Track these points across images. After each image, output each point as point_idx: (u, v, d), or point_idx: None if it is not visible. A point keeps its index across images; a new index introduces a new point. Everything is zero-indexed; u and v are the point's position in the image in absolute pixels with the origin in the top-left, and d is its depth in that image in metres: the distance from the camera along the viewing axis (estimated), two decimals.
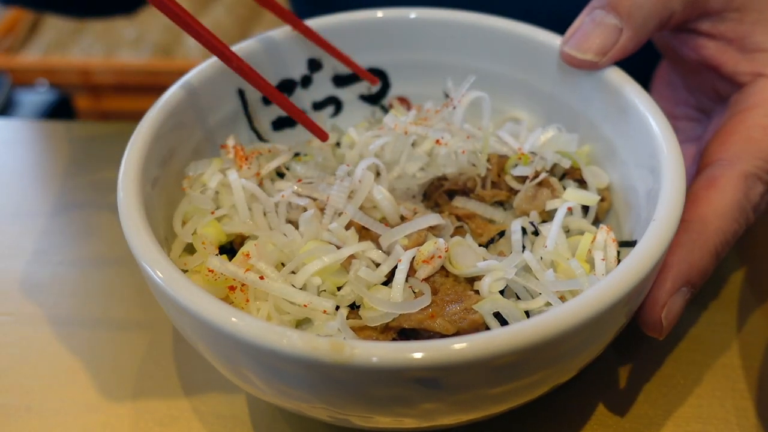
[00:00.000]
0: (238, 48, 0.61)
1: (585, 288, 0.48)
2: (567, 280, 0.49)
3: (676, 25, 0.59)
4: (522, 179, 0.58)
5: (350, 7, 0.66)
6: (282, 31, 0.64)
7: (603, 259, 0.51)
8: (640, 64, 0.64)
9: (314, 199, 0.55)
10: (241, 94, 0.63)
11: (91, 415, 0.57)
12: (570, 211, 0.55)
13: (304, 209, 0.55)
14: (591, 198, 0.56)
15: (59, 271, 0.69)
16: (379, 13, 0.65)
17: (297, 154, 0.61)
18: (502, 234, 0.56)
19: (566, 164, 0.58)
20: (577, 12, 0.59)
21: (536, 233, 0.54)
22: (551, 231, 0.53)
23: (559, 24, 0.63)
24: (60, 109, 1.87)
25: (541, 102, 0.64)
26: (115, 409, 0.57)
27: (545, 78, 0.63)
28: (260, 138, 0.64)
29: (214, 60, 0.60)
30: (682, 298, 0.51)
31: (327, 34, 0.64)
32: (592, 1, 0.58)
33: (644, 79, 0.64)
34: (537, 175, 0.57)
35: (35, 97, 1.88)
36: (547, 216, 0.57)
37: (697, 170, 0.57)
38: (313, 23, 0.64)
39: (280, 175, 0.60)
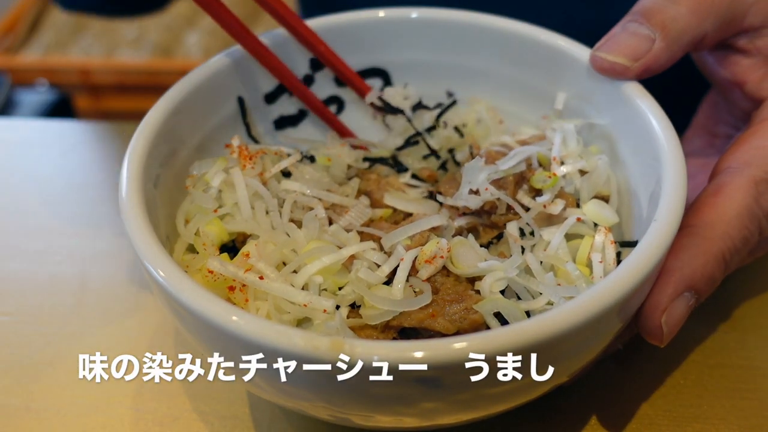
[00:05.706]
0: (240, 47, 0.61)
1: (581, 292, 0.47)
2: (564, 287, 0.49)
3: (711, 45, 0.58)
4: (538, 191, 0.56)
5: (355, 6, 0.66)
6: (284, 30, 0.64)
7: (601, 261, 0.51)
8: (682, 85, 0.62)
9: (320, 200, 0.55)
10: (240, 102, 0.62)
11: (91, 415, 0.57)
12: (579, 221, 0.54)
13: (310, 208, 0.55)
14: (610, 219, 0.54)
15: (59, 271, 0.69)
16: (381, 13, 0.65)
17: (303, 157, 0.60)
18: (500, 236, 0.56)
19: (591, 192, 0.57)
20: (576, 11, 0.59)
21: (533, 234, 0.54)
22: (555, 237, 0.53)
23: (559, 24, 0.63)
24: (60, 109, 1.88)
25: (540, 102, 0.64)
26: (115, 409, 0.57)
27: (546, 78, 0.63)
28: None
29: (215, 59, 0.60)
30: (684, 304, 0.48)
31: (329, 34, 0.64)
32: (626, 15, 0.57)
33: (687, 102, 0.63)
34: (557, 196, 0.55)
35: (35, 97, 1.88)
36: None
37: (708, 180, 0.55)
38: (316, 22, 0.64)
39: (286, 175, 0.60)
